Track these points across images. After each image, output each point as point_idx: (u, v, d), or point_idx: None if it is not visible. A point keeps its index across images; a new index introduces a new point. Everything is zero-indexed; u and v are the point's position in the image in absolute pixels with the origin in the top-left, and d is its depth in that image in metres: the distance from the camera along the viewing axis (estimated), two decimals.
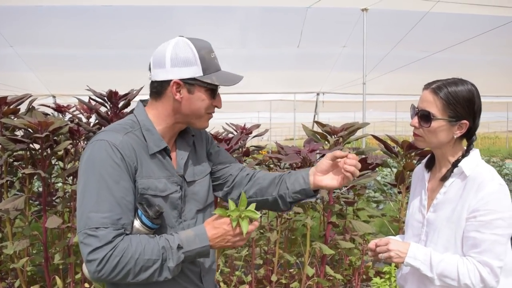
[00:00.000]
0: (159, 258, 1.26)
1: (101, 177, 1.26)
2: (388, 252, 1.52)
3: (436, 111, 1.51)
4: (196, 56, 1.36)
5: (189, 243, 1.30)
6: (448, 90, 1.50)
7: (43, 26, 8.02)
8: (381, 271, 3.98)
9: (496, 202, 1.44)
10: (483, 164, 1.55)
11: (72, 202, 3.57)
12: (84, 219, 1.24)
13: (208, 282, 1.53)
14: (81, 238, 1.24)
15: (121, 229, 1.26)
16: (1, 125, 3.33)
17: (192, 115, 1.41)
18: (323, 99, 12.19)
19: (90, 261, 1.22)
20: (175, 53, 1.35)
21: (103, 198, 1.25)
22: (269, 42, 9.35)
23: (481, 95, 1.56)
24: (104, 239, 1.22)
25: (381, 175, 10.53)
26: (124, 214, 1.28)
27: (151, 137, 1.39)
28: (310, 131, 3.67)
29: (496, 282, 1.45)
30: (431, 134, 1.54)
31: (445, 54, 8.72)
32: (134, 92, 3.44)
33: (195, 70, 1.36)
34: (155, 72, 1.39)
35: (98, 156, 1.28)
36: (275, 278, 3.59)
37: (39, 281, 3.84)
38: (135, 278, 1.25)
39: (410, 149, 3.69)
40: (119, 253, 1.22)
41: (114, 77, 9.14)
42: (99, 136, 1.34)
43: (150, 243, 1.27)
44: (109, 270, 1.22)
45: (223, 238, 1.32)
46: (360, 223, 3.53)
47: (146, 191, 1.35)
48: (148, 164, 1.36)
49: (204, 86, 1.38)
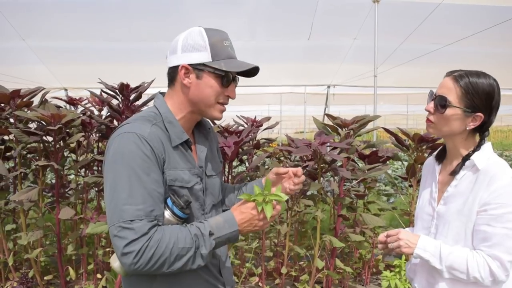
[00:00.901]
0: (193, 246, 1.27)
1: (131, 170, 1.26)
2: (398, 241, 1.53)
3: (454, 98, 1.49)
4: (206, 43, 1.37)
5: (219, 229, 1.31)
6: (469, 80, 1.48)
7: (54, 19, 8.05)
8: (391, 265, 3.97)
9: (508, 196, 1.43)
10: (495, 157, 1.53)
11: (85, 193, 3.61)
12: (117, 212, 1.24)
13: (226, 275, 1.55)
14: (115, 232, 1.23)
15: (154, 220, 1.26)
16: (15, 118, 3.37)
17: (201, 103, 1.41)
18: (334, 92, 12.11)
19: (126, 253, 1.21)
20: (186, 40, 1.38)
21: (135, 191, 1.25)
22: (278, 34, 9.28)
23: None
24: (140, 231, 1.22)
25: (393, 168, 10.48)
26: (156, 205, 1.28)
27: (173, 130, 1.39)
28: (321, 124, 3.67)
29: (505, 276, 1.44)
30: (443, 121, 1.52)
31: (457, 46, 8.59)
32: (146, 85, 3.46)
33: (204, 55, 1.37)
34: (170, 59, 1.41)
35: (127, 148, 1.28)
36: (285, 270, 3.61)
37: (52, 272, 3.91)
38: (170, 267, 1.25)
39: (422, 142, 3.67)
40: (154, 244, 1.22)
41: (125, 70, 9.18)
42: (125, 128, 1.33)
43: (183, 231, 1.28)
44: (145, 262, 1.22)
45: (250, 222, 1.34)
46: (370, 216, 3.52)
47: (174, 182, 1.35)
48: (173, 156, 1.37)
49: (212, 72, 1.38)
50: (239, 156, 3.83)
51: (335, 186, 3.45)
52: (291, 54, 10.17)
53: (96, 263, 3.68)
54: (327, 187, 4.22)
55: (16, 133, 3.19)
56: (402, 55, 9.20)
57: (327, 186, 3.95)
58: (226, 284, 1.54)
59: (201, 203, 1.45)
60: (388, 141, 3.99)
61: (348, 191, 3.78)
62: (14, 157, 3.49)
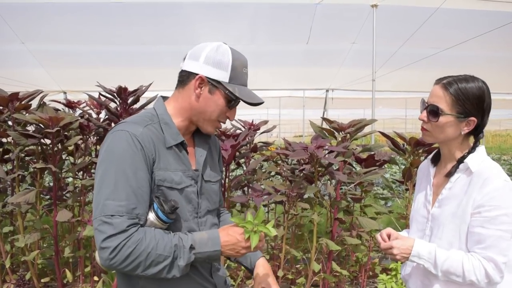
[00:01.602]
0: (170, 256, 1.28)
1: (119, 166, 1.29)
2: (392, 250, 1.54)
3: (445, 106, 1.51)
4: (229, 64, 1.40)
5: (202, 245, 1.33)
6: (459, 86, 1.50)
7: (54, 23, 8.09)
8: (387, 268, 3.98)
9: (501, 198, 1.45)
10: (489, 160, 1.55)
11: (82, 196, 3.62)
12: (100, 206, 1.27)
13: (218, 278, 1.56)
14: (96, 225, 1.26)
15: (135, 218, 1.28)
16: (13, 120, 3.39)
17: (203, 115, 1.44)
18: (332, 96, 12.15)
19: (103, 248, 1.24)
20: (212, 53, 1.41)
21: (120, 187, 1.27)
22: (278, 38, 9.33)
23: (493, 92, 1.56)
24: (118, 227, 1.24)
25: (391, 172, 10.49)
26: (139, 204, 1.30)
27: (169, 131, 1.42)
28: (317, 128, 3.68)
29: (500, 277, 1.46)
30: (438, 129, 1.54)
31: (456, 50, 8.64)
32: (143, 88, 3.48)
33: (223, 75, 1.40)
34: (188, 62, 1.44)
35: (118, 145, 1.31)
36: (281, 273, 3.61)
37: (50, 274, 3.91)
38: (144, 271, 1.27)
39: (418, 146, 3.69)
40: (133, 244, 1.24)
41: (125, 73, 9.21)
42: (119, 126, 1.37)
43: (164, 239, 1.29)
44: (121, 259, 1.24)
45: (234, 247, 1.35)
46: (366, 220, 3.54)
47: (163, 183, 1.37)
48: (165, 157, 1.39)
49: (225, 92, 1.41)
50: (237, 160, 3.84)
51: (332, 190, 3.46)
52: (290, 58, 10.21)
53: (93, 266, 3.68)
54: (323, 191, 4.23)
55: (14, 136, 3.21)
56: (400, 59, 9.24)
57: (323, 189, 3.97)
58: (218, 286, 1.55)
59: (194, 206, 1.46)
60: (385, 145, 4.00)
61: (344, 194, 3.79)
62: (12, 159, 3.51)
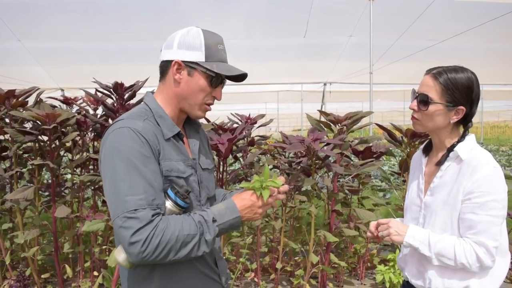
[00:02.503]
0: (197, 233, 1.30)
1: (129, 162, 1.29)
2: (388, 229, 1.58)
3: (435, 95, 1.55)
4: (202, 43, 1.41)
5: (222, 215, 1.36)
6: (448, 76, 1.54)
7: (50, 20, 8.07)
8: (385, 259, 4.01)
9: (491, 184, 1.48)
10: (478, 148, 1.59)
11: (81, 192, 3.64)
12: (120, 204, 1.26)
13: (222, 267, 1.59)
14: (120, 223, 1.25)
15: (157, 209, 1.30)
16: (10, 118, 3.40)
17: (189, 99, 1.46)
18: (330, 89, 12.15)
19: (133, 243, 1.23)
20: (183, 37, 1.42)
21: (135, 182, 1.28)
22: (274, 32, 9.32)
23: (490, 84, 1.59)
24: (144, 219, 1.25)
25: (389, 165, 10.52)
26: (157, 195, 1.31)
27: (164, 123, 1.43)
28: (314, 120, 3.70)
29: (492, 261, 1.49)
30: (428, 118, 1.58)
31: (452, 42, 8.64)
32: (140, 84, 3.49)
33: (198, 55, 1.41)
34: (164, 53, 1.46)
35: (122, 143, 1.31)
36: (280, 265, 3.64)
37: (50, 270, 3.93)
38: (176, 255, 1.29)
39: (415, 137, 3.70)
40: (160, 232, 1.25)
41: (123, 69, 9.22)
42: (118, 124, 1.37)
43: (187, 219, 1.32)
44: (152, 250, 1.24)
45: (251, 209, 1.39)
46: (364, 211, 3.56)
47: (170, 173, 1.39)
48: (167, 148, 1.41)
49: (204, 72, 1.42)
50: (234, 154, 3.86)
51: (329, 182, 3.47)
52: (288, 52, 10.20)
53: (92, 261, 3.71)
54: (321, 183, 4.25)
55: (12, 133, 3.22)
56: (397, 52, 9.25)
57: (321, 182, 3.98)
58: (221, 275, 1.57)
59: (196, 194, 1.49)
60: (382, 137, 4.02)
61: (342, 186, 3.81)
62: (10, 156, 3.52)
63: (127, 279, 1.47)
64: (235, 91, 13.08)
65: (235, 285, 3.87)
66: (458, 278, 1.55)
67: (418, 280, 1.66)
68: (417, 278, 1.66)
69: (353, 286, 3.92)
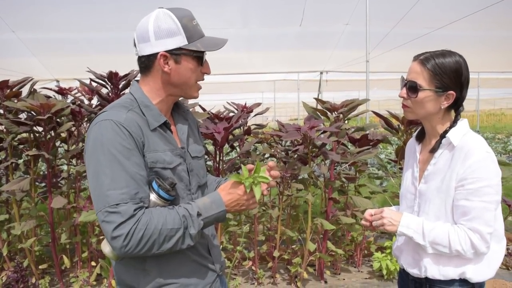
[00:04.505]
0: (181, 227, 1.29)
1: (112, 156, 1.27)
2: (382, 219, 1.56)
3: (423, 81, 1.53)
4: (178, 26, 1.36)
5: (207, 209, 1.34)
6: (435, 61, 1.52)
7: (44, 11, 8.00)
8: (382, 246, 4.03)
9: (483, 170, 1.47)
10: (471, 133, 1.57)
11: (77, 182, 3.63)
12: (102, 198, 1.25)
13: (215, 254, 1.58)
14: (103, 217, 1.25)
15: (140, 202, 1.28)
16: (4, 108, 3.37)
17: (183, 85, 1.43)
18: (327, 78, 12.12)
19: (116, 237, 1.23)
20: (157, 26, 1.36)
21: (117, 175, 1.26)
22: (270, 21, 9.27)
23: (486, 71, 1.57)
24: (126, 213, 1.24)
25: (386, 153, 10.53)
26: (140, 188, 1.30)
27: (150, 113, 1.40)
28: (310, 108, 3.69)
29: (486, 247, 1.49)
30: (418, 105, 1.57)
31: (449, 30, 8.62)
32: (135, 73, 3.47)
33: (180, 39, 1.37)
34: (141, 47, 1.40)
35: (105, 135, 1.29)
36: (277, 254, 3.65)
37: (47, 261, 3.94)
38: (160, 248, 1.28)
39: (411, 125, 3.70)
40: (143, 226, 1.25)
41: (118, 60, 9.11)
42: (101, 116, 1.34)
43: (171, 213, 1.30)
44: (135, 244, 1.24)
45: (237, 202, 1.38)
46: (361, 199, 3.57)
47: (155, 164, 1.37)
48: (152, 139, 1.38)
49: (190, 54, 1.39)
50: (230, 143, 3.85)
51: (325, 170, 3.48)
52: (284, 41, 10.16)
53: (90, 251, 3.71)
54: (318, 171, 4.26)
55: (6, 124, 3.20)
56: (394, 40, 9.22)
57: (318, 170, 3.98)
58: (215, 262, 1.56)
59: (186, 183, 1.47)
60: (379, 124, 4.02)
61: (338, 174, 3.82)
62: (5, 147, 3.50)
63: (119, 268, 1.46)
64: (231, 81, 13.04)
65: (233, 274, 3.89)
66: (454, 265, 1.54)
67: (414, 268, 1.65)
68: (413, 266, 1.66)
69: (351, 273, 3.94)
